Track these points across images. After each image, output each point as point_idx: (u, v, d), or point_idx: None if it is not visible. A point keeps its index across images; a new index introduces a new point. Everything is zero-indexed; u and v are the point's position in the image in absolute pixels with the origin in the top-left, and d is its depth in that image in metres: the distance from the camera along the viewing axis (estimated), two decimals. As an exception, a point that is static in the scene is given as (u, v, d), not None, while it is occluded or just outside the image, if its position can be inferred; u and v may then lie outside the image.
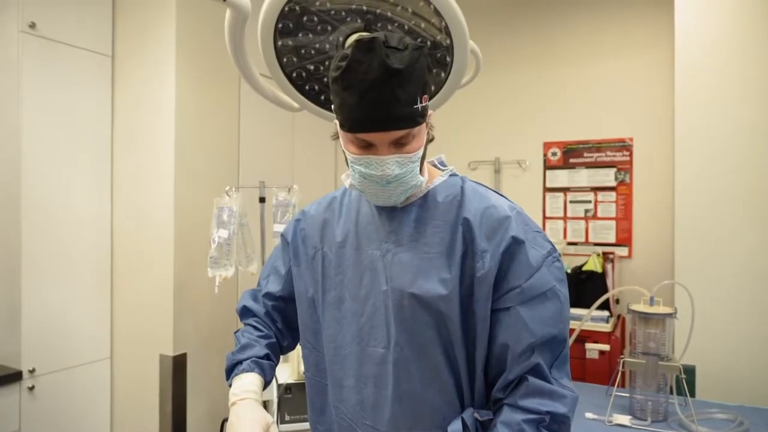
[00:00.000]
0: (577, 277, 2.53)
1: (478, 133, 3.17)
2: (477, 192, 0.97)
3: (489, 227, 0.91)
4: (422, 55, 0.86)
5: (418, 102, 0.85)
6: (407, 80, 0.83)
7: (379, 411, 0.97)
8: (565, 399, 0.87)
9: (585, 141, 2.88)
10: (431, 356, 0.92)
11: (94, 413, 2.44)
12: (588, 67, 2.89)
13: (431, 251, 0.93)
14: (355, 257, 1.01)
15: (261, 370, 1.05)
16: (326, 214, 1.09)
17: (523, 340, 0.87)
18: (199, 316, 2.44)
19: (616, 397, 1.78)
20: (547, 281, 0.89)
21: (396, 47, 0.83)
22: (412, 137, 0.88)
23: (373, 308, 0.97)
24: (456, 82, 1.64)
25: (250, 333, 1.13)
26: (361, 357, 0.98)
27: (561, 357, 0.90)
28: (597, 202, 2.85)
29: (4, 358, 2.19)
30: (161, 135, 2.35)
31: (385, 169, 0.88)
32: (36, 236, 2.20)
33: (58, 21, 2.28)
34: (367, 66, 0.82)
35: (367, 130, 0.86)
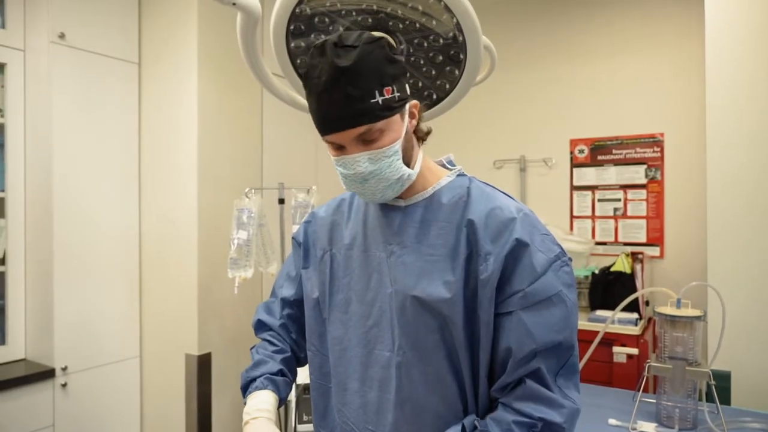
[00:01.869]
0: (605, 278, 2.45)
1: (503, 131, 3.11)
2: (483, 193, 0.94)
3: (494, 229, 0.88)
4: (378, 47, 0.84)
5: (376, 96, 0.83)
6: (357, 76, 0.82)
7: (381, 415, 0.95)
8: (563, 409, 0.83)
9: (613, 137, 2.79)
10: (434, 360, 0.91)
11: (125, 410, 2.51)
12: (616, 62, 2.80)
13: (435, 253, 0.91)
14: (362, 259, 1.00)
15: (275, 387, 1.05)
16: (335, 216, 1.09)
17: (525, 346, 0.84)
18: (223, 316, 2.48)
19: (643, 403, 1.71)
20: (553, 286, 0.86)
21: (348, 45, 0.82)
22: (379, 132, 0.86)
23: (380, 311, 0.96)
24: (471, 79, 1.61)
25: (264, 348, 1.13)
26: (366, 360, 0.97)
27: (568, 365, 0.87)
28: (626, 201, 2.75)
29: (38, 356, 2.28)
30: (185, 140, 2.40)
31: (357, 167, 0.88)
32: (67, 240, 2.28)
33: (87, 31, 2.36)
34: (319, 69, 0.83)
35: (327, 131, 0.87)
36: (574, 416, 0.85)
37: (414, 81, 1.66)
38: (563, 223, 2.92)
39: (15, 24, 2.30)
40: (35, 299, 2.30)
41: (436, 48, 1.55)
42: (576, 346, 0.89)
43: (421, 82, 1.67)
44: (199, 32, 2.35)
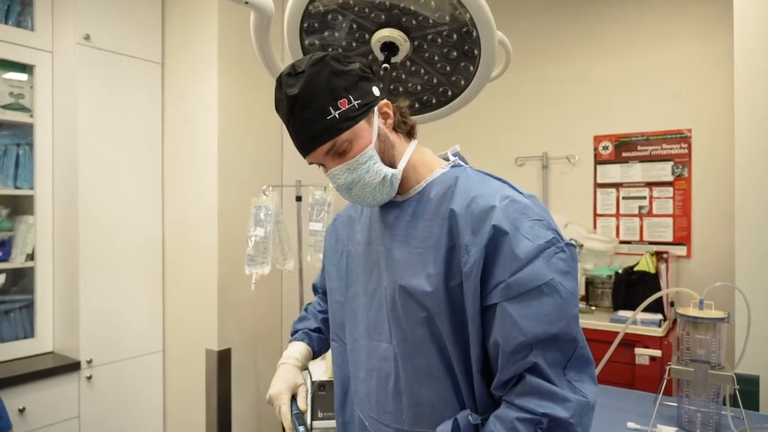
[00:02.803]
0: (628, 277, 2.39)
1: (524, 127, 3.06)
2: (470, 182, 0.93)
3: (474, 219, 0.86)
4: (323, 66, 0.88)
5: (331, 111, 0.87)
6: (309, 100, 0.87)
7: (381, 405, 0.97)
8: (568, 403, 0.79)
9: (639, 133, 2.72)
10: (425, 354, 0.91)
11: (148, 403, 2.57)
12: (641, 56, 2.72)
13: (421, 246, 0.92)
14: (366, 253, 1.03)
15: (309, 340, 1.22)
16: (351, 212, 1.15)
17: (512, 339, 0.81)
18: (242, 313, 2.51)
19: (664, 407, 1.67)
20: (542, 274, 0.81)
21: (298, 72, 0.88)
22: (348, 143, 0.89)
23: (379, 303, 0.99)
24: (486, 75, 1.58)
25: (313, 307, 1.31)
26: (369, 350, 1.01)
27: (576, 357, 0.83)
28: (652, 198, 2.68)
29: (65, 349, 2.35)
30: (205, 139, 2.44)
31: (338, 179, 0.92)
32: (92, 238, 2.34)
33: (111, 32, 2.41)
34: (281, 102, 0.90)
35: (303, 154, 0.93)
36: (583, 410, 0.80)
37: (429, 77, 1.65)
38: (586, 222, 2.86)
39: (43, 26, 2.37)
40: (62, 294, 2.37)
41: (450, 44, 1.54)
42: (579, 337, 0.85)
43: (436, 79, 1.66)
44: (219, 32, 2.38)
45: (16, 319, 2.33)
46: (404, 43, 1.51)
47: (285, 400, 1.06)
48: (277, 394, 1.08)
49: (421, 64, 1.62)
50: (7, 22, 2.30)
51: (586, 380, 0.83)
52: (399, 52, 1.53)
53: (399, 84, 1.70)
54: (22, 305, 2.36)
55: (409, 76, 1.66)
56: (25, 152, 2.37)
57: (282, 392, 1.08)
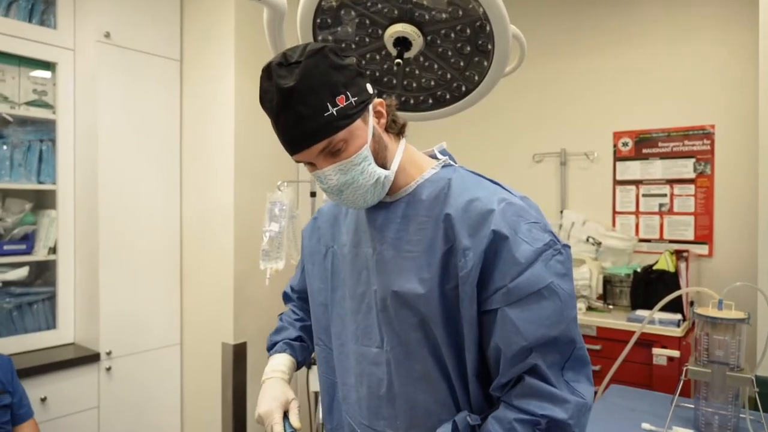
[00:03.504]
0: (647, 276, 2.34)
1: (542, 123, 3.02)
2: (465, 184, 0.90)
3: (472, 222, 0.84)
4: (322, 58, 0.82)
5: (329, 108, 0.82)
6: (306, 93, 0.80)
7: (373, 411, 0.95)
8: (568, 404, 0.79)
9: (660, 129, 2.66)
10: (420, 358, 0.89)
11: (166, 394, 2.61)
12: (663, 50, 2.66)
13: (413, 249, 0.89)
14: (353, 255, 1.00)
15: (292, 351, 1.15)
16: (336, 210, 1.10)
17: (514, 344, 0.80)
18: (257, 307, 2.53)
19: (681, 408, 1.64)
20: (542, 278, 0.80)
21: (292, 62, 0.81)
22: (343, 142, 0.84)
23: (368, 307, 0.95)
24: (499, 70, 1.56)
25: (288, 316, 1.24)
26: (358, 356, 0.97)
27: (574, 358, 0.83)
28: (673, 196, 2.62)
29: (86, 341, 2.40)
30: (222, 135, 2.46)
31: (329, 181, 0.87)
32: (112, 232, 2.39)
33: (131, 29, 2.45)
34: (270, 94, 0.83)
35: (292, 152, 0.87)
36: (581, 411, 0.80)
37: (442, 73, 1.64)
38: (605, 219, 2.81)
39: (65, 25, 2.42)
40: (83, 287, 2.42)
41: (464, 39, 1.52)
42: (578, 339, 0.84)
43: (450, 74, 1.65)
44: (235, 28, 2.40)
45: (39, 310, 2.39)
46: (417, 38, 1.50)
47: (277, 419, 0.98)
48: (267, 412, 1.00)
49: (434, 60, 1.61)
50: (31, 21, 2.36)
51: (583, 381, 0.83)
52: (412, 47, 1.52)
53: (412, 79, 1.69)
54: (45, 297, 2.41)
55: (422, 72, 1.65)
56: (48, 148, 2.42)
57: (273, 410, 1.00)
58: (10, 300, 2.30)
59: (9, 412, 1.80)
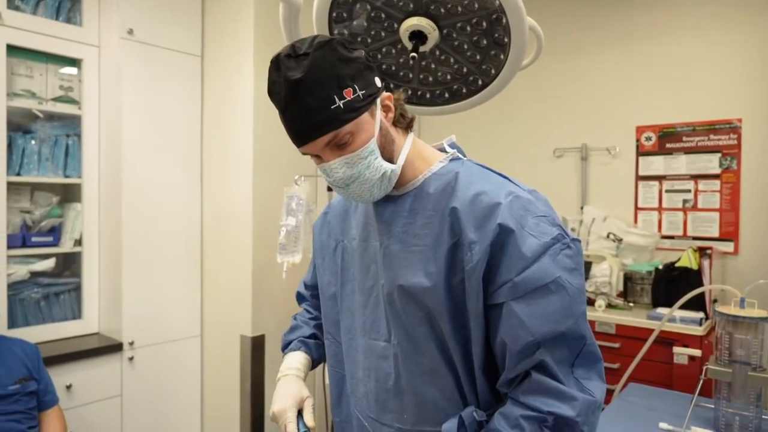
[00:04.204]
0: (669, 273, 2.30)
1: (563, 118, 2.98)
2: (472, 177, 0.90)
3: (478, 216, 0.84)
4: (330, 50, 0.82)
5: (336, 101, 0.82)
6: (313, 85, 0.81)
7: (381, 405, 0.95)
8: (575, 401, 0.78)
9: (684, 123, 2.60)
10: (427, 352, 0.89)
11: (186, 385, 2.66)
12: (687, 42, 2.59)
13: (420, 243, 0.89)
14: (362, 249, 1.00)
15: (307, 348, 1.16)
16: (346, 205, 1.10)
17: (520, 339, 0.80)
18: (275, 300, 2.56)
19: (701, 408, 1.61)
20: (549, 272, 0.80)
21: (300, 54, 0.82)
22: (350, 135, 0.84)
23: (376, 300, 0.96)
24: (516, 63, 1.55)
25: (302, 315, 1.25)
26: (366, 349, 0.98)
27: (584, 354, 0.82)
28: (697, 192, 2.56)
29: (109, 331, 2.47)
30: (242, 130, 2.49)
31: (335, 174, 0.87)
32: (135, 225, 2.44)
33: (153, 26, 2.49)
34: (278, 85, 0.83)
35: (299, 144, 0.87)
36: (590, 408, 0.79)
37: (458, 66, 1.63)
38: (627, 216, 2.76)
39: (90, 22, 2.48)
40: (107, 278, 2.48)
41: (480, 31, 1.51)
42: (587, 335, 0.83)
43: (466, 68, 1.63)
44: (255, 24, 2.42)
45: (65, 301, 2.46)
46: (433, 32, 1.49)
47: (291, 418, 0.98)
48: (281, 411, 1.00)
49: (450, 53, 1.60)
50: (58, 19, 2.41)
51: (594, 378, 0.82)
52: (427, 41, 1.51)
53: (428, 73, 1.68)
54: (71, 288, 2.48)
55: (438, 66, 1.64)
56: (74, 143, 2.49)
57: (287, 409, 0.99)
58: (37, 290, 2.37)
59: (35, 399, 1.86)
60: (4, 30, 2.20)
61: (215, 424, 2.69)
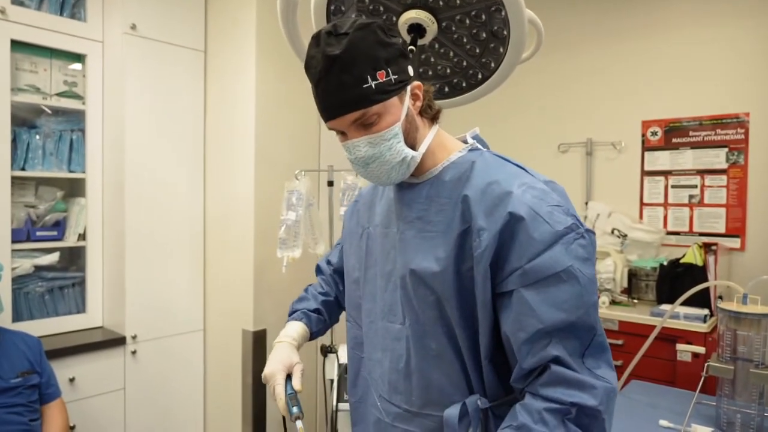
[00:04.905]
0: (673, 270, 2.27)
1: (568, 112, 2.95)
2: (487, 166, 0.92)
3: (489, 204, 0.86)
4: (369, 32, 0.85)
5: (369, 80, 0.85)
6: (349, 63, 0.84)
7: (393, 386, 0.98)
8: (595, 390, 0.78)
9: (691, 118, 2.56)
10: (436, 336, 0.91)
11: (189, 379, 2.68)
12: (693, 36, 2.55)
13: (433, 230, 0.91)
14: (384, 235, 1.03)
15: (308, 320, 1.20)
16: (373, 194, 1.15)
17: (528, 327, 0.80)
18: (277, 295, 2.56)
19: (703, 406, 1.59)
20: (560, 261, 0.80)
21: (341, 33, 0.84)
22: (377, 116, 0.87)
23: (394, 285, 0.99)
24: (516, 56, 1.53)
25: (314, 288, 1.30)
26: (384, 332, 1.01)
27: (594, 344, 0.82)
28: (704, 187, 2.52)
29: (113, 325, 2.48)
30: (243, 125, 2.49)
31: (357, 151, 0.90)
32: (138, 220, 2.45)
33: (156, 21, 2.49)
34: (316, 60, 0.86)
35: (327, 119, 0.90)
36: (609, 396, 0.79)
37: (458, 60, 1.61)
38: (632, 211, 2.73)
39: (94, 17, 2.48)
40: (110, 273, 2.50)
41: (479, 24, 1.49)
42: (597, 326, 0.83)
43: (466, 61, 1.62)
44: (257, 19, 2.42)
45: (70, 294, 2.48)
46: (431, 25, 1.48)
47: (280, 380, 1.04)
48: (271, 373, 1.06)
49: (449, 46, 1.59)
50: (62, 14, 2.42)
51: (604, 366, 0.82)
52: (426, 34, 1.50)
53: (428, 67, 1.67)
54: (75, 282, 2.50)
55: (438, 59, 1.63)
56: (78, 138, 2.50)
57: (277, 372, 1.06)
58: (42, 284, 2.39)
59: (37, 392, 1.88)
60: (8, 25, 2.21)
61: (218, 417, 2.70)
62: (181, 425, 2.64)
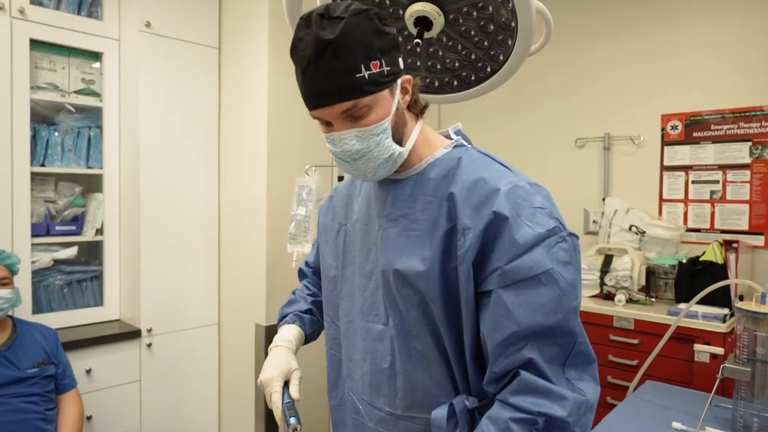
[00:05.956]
0: (693, 268, 2.20)
1: (585, 107, 2.88)
2: (473, 164, 0.89)
3: (475, 202, 0.83)
4: (365, 19, 0.81)
5: (362, 70, 0.80)
6: (343, 50, 0.79)
7: (375, 388, 0.95)
8: (565, 401, 0.75)
9: (712, 111, 2.48)
10: (420, 337, 0.89)
11: (204, 372, 2.71)
12: (715, 25, 2.46)
13: (418, 228, 0.89)
14: (363, 232, 1.00)
15: (301, 323, 1.17)
16: (350, 189, 1.11)
17: (504, 329, 0.78)
18: (289, 289, 2.56)
19: (719, 408, 1.54)
20: (541, 263, 0.78)
21: (334, 17, 0.80)
22: (367, 108, 0.83)
23: (375, 284, 0.96)
24: (524, 49, 1.50)
25: (301, 291, 1.28)
26: (363, 332, 0.98)
27: (576, 354, 0.79)
28: (726, 182, 2.44)
29: (129, 318, 2.53)
30: (256, 121, 2.50)
31: (344, 145, 0.85)
32: (153, 215, 2.49)
33: (171, 19, 2.52)
34: (305, 42, 0.81)
35: (313, 107, 0.85)
36: (581, 408, 0.76)
37: (467, 53, 1.59)
38: (651, 207, 2.66)
39: (111, 15, 2.52)
40: (127, 267, 2.54)
41: (486, 16, 1.47)
42: (578, 332, 0.80)
43: (474, 54, 1.59)
44: (270, 16, 2.42)
45: (88, 288, 2.54)
46: (438, 17, 1.46)
47: (277, 388, 0.99)
48: (268, 380, 1.01)
49: (457, 39, 1.56)
50: (80, 13, 2.47)
51: (587, 379, 0.80)
52: (433, 26, 1.48)
53: (437, 61, 1.65)
54: (93, 275, 2.55)
55: (446, 52, 1.61)
56: (95, 134, 2.54)
57: (274, 378, 1.00)
58: (61, 277, 2.45)
59: (53, 382, 1.92)
60: (27, 25, 2.26)
61: (231, 410, 2.73)
62: (195, 417, 2.68)
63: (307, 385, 1.14)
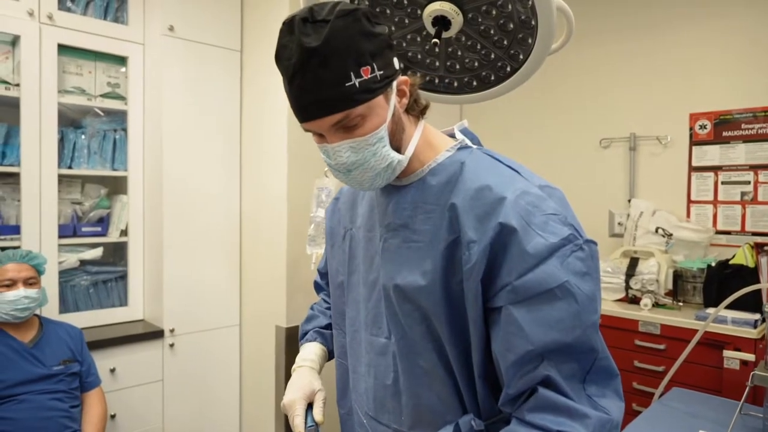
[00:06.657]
0: (722, 271, 2.14)
1: (610, 106, 2.83)
2: (478, 169, 0.83)
3: (479, 213, 0.77)
4: (352, 21, 0.74)
5: (352, 78, 0.74)
6: (330, 57, 0.73)
7: (380, 403, 0.91)
8: (588, 419, 0.70)
9: (743, 110, 2.40)
10: (425, 353, 0.84)
11: (225, 373, 2.74)
12: (745, 22, 2.39)
13: (418, 239, 0.83)
14: (367, 239, 0.95)
15: (323, 339, 1.14)
16: (354, 192, 1.06)
17: (516, 348, 0.73)
18: (309, 292, 2.57)
19: (749, 417, 1.48)
20: (555, 276, 0.72)
21: (318, 21, 0.74)
22: (360, 118, 0.77)
23: (378, 295, 0.91)
24: (545, 47, 1.47)
25: (319, 305, 1.24)
26: (367, 344, 0.94)
27: (597, 369, 0.74)
28: (757, 183, 2.36)
29: (153, 318, 2.57)
30: (277, 123, 2.51)
31: (338, 157, 0.80)
32: (176, 217, 2.52)
33: (193, 22, 2.55)
34: (289, 50, 0.75)
35: (302, 119, 0.79)
36: (605, 428, 0.71)
37: (486, 52, 1.57)
38: (679, 209, 2.59)
39: (135, 20, 2.57)
40: (151, 268, 2.58)
41: (505, 14, 1.44)
42: (599, 347, 0.75)
43: (493, 53, 1.57)
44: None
45: (113, 288, 2.58)
46: (456, 17, 1.44)
47: (299, 411, 0.95)
48: (291, 403, 0.97)
49: (476, 38, 1.54)
50: (106, 18, 2.52)
51: (610, 395, 0.74)
52: (451, 26, 1.46)
53: (455, 61, 1.63)
54: (118, 276, 2.60)
55: (465, 52, 1.59)
56: (121, 137, 2.59)
57: (296, 401, 0.96)
58: (87, 278, 2.50)
59: (78, 380, 1.96)
60: (55, 30, 2.31)
61: (253, 410, 2.75)
62: (217, 417, 2.70)
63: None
